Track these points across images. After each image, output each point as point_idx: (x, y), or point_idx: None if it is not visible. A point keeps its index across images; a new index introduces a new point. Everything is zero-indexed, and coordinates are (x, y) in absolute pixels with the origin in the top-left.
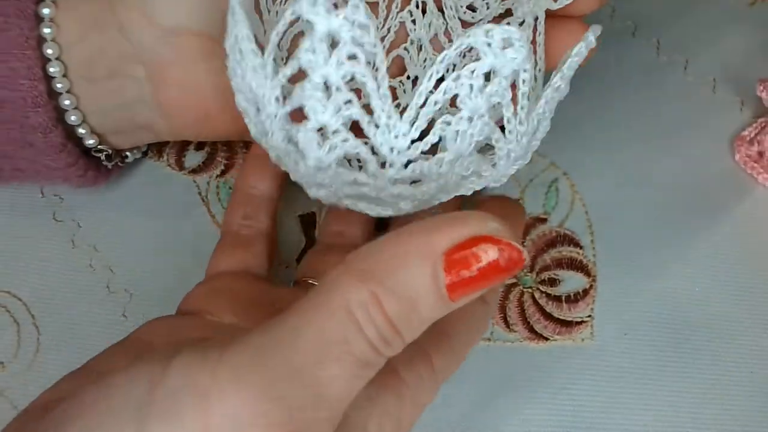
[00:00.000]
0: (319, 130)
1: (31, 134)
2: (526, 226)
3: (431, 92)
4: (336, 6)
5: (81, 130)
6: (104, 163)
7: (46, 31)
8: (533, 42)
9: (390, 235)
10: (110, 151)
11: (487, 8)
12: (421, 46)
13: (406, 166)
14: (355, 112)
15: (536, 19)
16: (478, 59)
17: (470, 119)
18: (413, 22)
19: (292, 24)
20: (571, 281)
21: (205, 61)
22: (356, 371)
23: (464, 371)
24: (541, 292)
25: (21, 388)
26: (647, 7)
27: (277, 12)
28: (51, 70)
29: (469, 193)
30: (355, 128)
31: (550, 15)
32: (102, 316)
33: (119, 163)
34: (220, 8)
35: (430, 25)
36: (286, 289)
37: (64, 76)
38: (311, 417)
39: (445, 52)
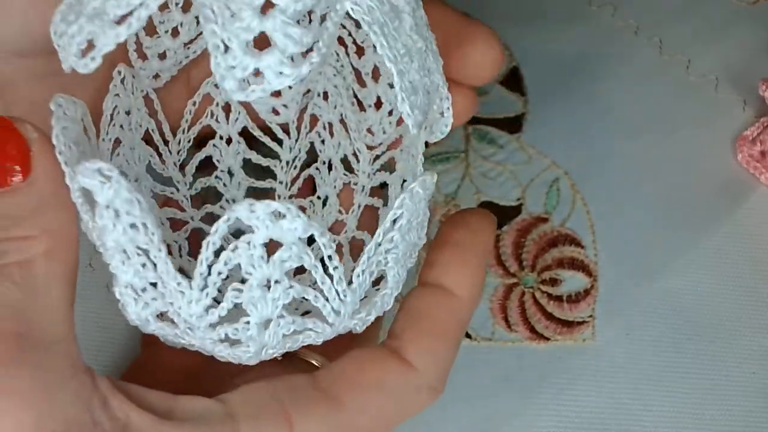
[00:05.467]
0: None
1: None
2: (527, 225)
3: (214, 262)
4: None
5: None
6: None
7: None
8: None
9: None
10: None
11: (384, 133)
12: (331, 165)
13: (214, 328)
14: (151, 275)
15: None
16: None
17: (263, 287)
18: (322, 142)
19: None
20: (573, 281)
21: (53, 78)
22: None
23: (466, 371)
24: (543, 292)
25: None
26: (649, 6)
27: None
28: None
29: (319, 341)
30: None
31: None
32: (102, 316)
33: None
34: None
35: (339, 146)
36: None
37: None
38: None
39: (216, 224)
